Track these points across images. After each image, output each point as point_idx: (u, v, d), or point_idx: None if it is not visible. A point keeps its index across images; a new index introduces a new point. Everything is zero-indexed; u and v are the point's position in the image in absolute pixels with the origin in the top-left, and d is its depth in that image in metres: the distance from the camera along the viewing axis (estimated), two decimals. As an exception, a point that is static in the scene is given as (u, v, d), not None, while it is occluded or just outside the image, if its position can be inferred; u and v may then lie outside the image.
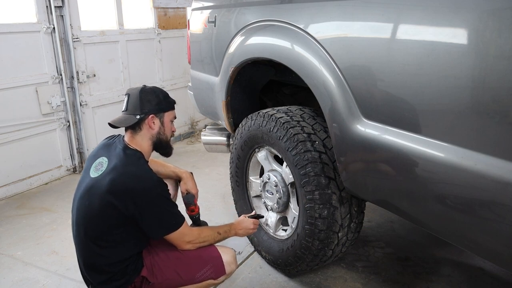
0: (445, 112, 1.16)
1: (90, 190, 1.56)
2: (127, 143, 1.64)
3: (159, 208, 1.55)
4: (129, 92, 1.69)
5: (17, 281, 2.16)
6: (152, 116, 1.64)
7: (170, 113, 1.72)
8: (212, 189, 3.04)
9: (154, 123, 1.65)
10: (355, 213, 1.79)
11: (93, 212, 1.54)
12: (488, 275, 2.12)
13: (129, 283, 1.64)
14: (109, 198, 1.49)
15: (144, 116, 1.62)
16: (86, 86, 3.55)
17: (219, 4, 2.33)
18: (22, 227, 2.71)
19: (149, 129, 1.65)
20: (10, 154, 3.12)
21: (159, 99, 1.67)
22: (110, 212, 1.52)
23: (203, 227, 1.78)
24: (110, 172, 1.54)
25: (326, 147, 1.73)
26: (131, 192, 1.50)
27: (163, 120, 1.68)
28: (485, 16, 1.05)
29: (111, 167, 1.55)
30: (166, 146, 1.73)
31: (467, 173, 1.12)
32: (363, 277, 2.12)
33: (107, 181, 1.51)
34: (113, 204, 1.50)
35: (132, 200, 1.50)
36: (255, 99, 2.49)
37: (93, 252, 1.59)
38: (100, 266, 1.60)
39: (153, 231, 1.59)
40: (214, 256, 1.71)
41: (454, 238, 1.28)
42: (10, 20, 2.99)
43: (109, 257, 1.58)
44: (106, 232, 1.55)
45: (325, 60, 1.53)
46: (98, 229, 1.55)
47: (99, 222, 1.54)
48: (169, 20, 4.35)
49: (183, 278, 1.66)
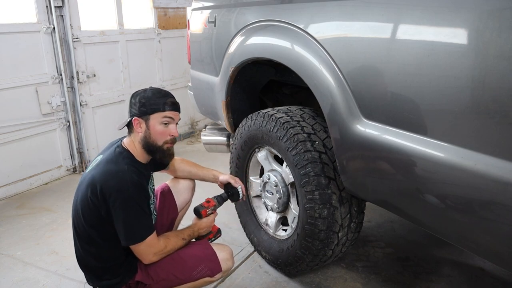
0: (445, 112, 1.16)
1: (79, 186, 1.61)
2: (122, 142, 1.66)
3: (127, 212, 1.50)
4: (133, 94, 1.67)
5: (17, 281, 2.16)
6: (135, 119, 1.59)
7: (158, 115, 1.58)
8: (212, 189, 3.03)
9: (140, 126, 1.59)
10: (355, 213, 1.79)
11: (77, 207, 1.58)
12: (488, 275, 2.12)
13: (122, 284, 1.65)
14: (88, 193, 1.52)
15: (131, 119, 1.60)
16: (86, 86, 3.55)
17: (219, 4, 2.33)
18: (22, 227, 2.71)
19: (136, 132, 1.61)
20: (10, 154, 3.12)
21: (144, 101, 1.58)
22: (89, 208, 1.53)
23: (169, 236, 1.67)
24: (94, 168, 1.57)
25: (326, 147, 1.73)
26: (106, 188, 1.49)
27: (149, 123, 1.59)
28: (485, 16, 1.05)
29: (96, 163, 1.59)
30: (156, 150, 1.61)
31: (467, 173, 1.12)
32: (363, 277, 2.12)
33: (89, 177, 1.54)
34: (91, 199, 1.51)
35: (105, 197, 1.49)
36: (255, 99, 2.49)
37: (83, 249, 1.62)
38: (89, 263, 1.64)
39: (121, 237, 1.55)
40: (209, 254, 1.71)
41: (454, 238, 1.28)
42: (10, 20, 2.99)
43: (96, 256, 1.61)
44: (90, 230, 1.57)
45: (325, 60, 1.53)
46: (83, 226, 1.57)
47: (83, 219, 1.56)
48: (169, 20, 4.35)
49: (179, 277, 1.67)
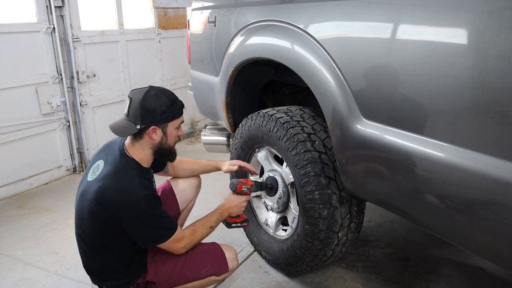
0: (445, 112, 1.16)
1: (84, 194, 1.54)
2: (125, 150, 1.57)
3: (143, 225, 1.51)
4: (131, 95, 1.54)
5: (17, 281, 2.16)
6: (154, 128, 1.52)
7: (176, 121, 1.58)
8: (212, 189, 3.04)
9: (156, 133, 1.53)
10: (355, 213, 1.79)
11: (84, 215, 1.53)
12: (488, 275, 2.12)
13: (130, 284, 1.64)
14: (96, 207, 1.47)
15: (145, 127, 1.51)
16: (86, 86, 3.55)
17: (219, 4, 2.33)
18: (22, 227, 2.71)
19: (150, 139, 1.55)
20: (10, 154, 3.12)
21: (162, 108, 1.51)
22: (98, 219, 1.50)
23: (196, 226, 1.67)
24: (100, 180, 1.49)
25: (326, 147, 1.73)
26: (117, 206, 1.46)
27: (166, 130, 1.56)
28: (485, 16, 1.05)
29: (103, 175, 1.51)
30: (167, 153, 1.63)
31: (467, 173, 1.12)
32: (363, 277, 2.12)
33: (95, 188, 1.48)
34: (100, 213, 1.48)
35: (118, 214, 1.47)
36: (255, 99, 2.49)
37: (89, 252, 1.60)
38: (97, 266, 1.61)
39: (141, 242, 1.57)
40: (218, 254, 1.73)
41: (454, 238, 1.28)
42: (10, 20, 2.99)
43: (104, 259, 1.59)
44: (97, 236, 1.55)
45: (325, 60, 1.53)
46: (90, 233, 1.54)
47: (89, 227, 1.53)
48: (169, 20, 4.35)
49: (187, 276, 1.67)
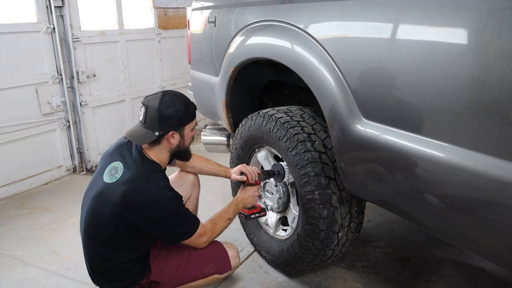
0: (445, 112, 1.16)
1: (102, 196, 1.53)
2: (144, 153, 1.60)
3: (171, 224, 1.56)
4: (146, 103, 1.56)
5: (17, 281, 2.16)
6: (172, 133, 1.58)
7: (191, 123, 1.64)
8: (212, 189, 3.04)
9: (174, 138, 1.59)
10: (355, 213, 1.79)
11: (102, 218, 1.52)
12: (488, 275, 2.12)
13: (135, 284, 1.64)
14: (121, 210, 1.48)
15: (164, 133, 1.56)
16: (86, 86, 3.55)
17: (219, 4, 2.33)
18: (22, 227, 2.71)
19: (168, 143, 1.60)
20: (10, 154, 3.12)
21: (179, 114, 1.56)
22: (120, 221, 1.51)
23: (215, 220, 1.73)
24: (125, 183, 1.50)
25: (326, 147, 1.73)
26: (144, 209, 1.49)
27: (184, 133, 1.62)
28: (485, 16, 1.05)
29: (127, 178, 1.51)
30: (184, 154, 1.70)
31: (467, 173, 1.12)
32: (363, 277, 2.12)
33: (120, 192, 1.48)
34: (125, 216, 1.49)
35: (144, 216, 1.50)
36: (255, 99, 2.49)
37: (99, 253, 1.59)
38: (105, 266, 1.60)
39: (167, 241, 1.62)
40: (220, 252, 1.75)
41: (454, 238, 1.28)
42: (10, 20, 2.99)
43: (115, 259, 1.59)
44: (114, 237, 1.55)
45: (325, 60, 1.53)
46: (105, 233, 1.55)
47: (107, 228, 1.53)
48: (169, 20, 4.35)
49: (191, 275, 1.69)
